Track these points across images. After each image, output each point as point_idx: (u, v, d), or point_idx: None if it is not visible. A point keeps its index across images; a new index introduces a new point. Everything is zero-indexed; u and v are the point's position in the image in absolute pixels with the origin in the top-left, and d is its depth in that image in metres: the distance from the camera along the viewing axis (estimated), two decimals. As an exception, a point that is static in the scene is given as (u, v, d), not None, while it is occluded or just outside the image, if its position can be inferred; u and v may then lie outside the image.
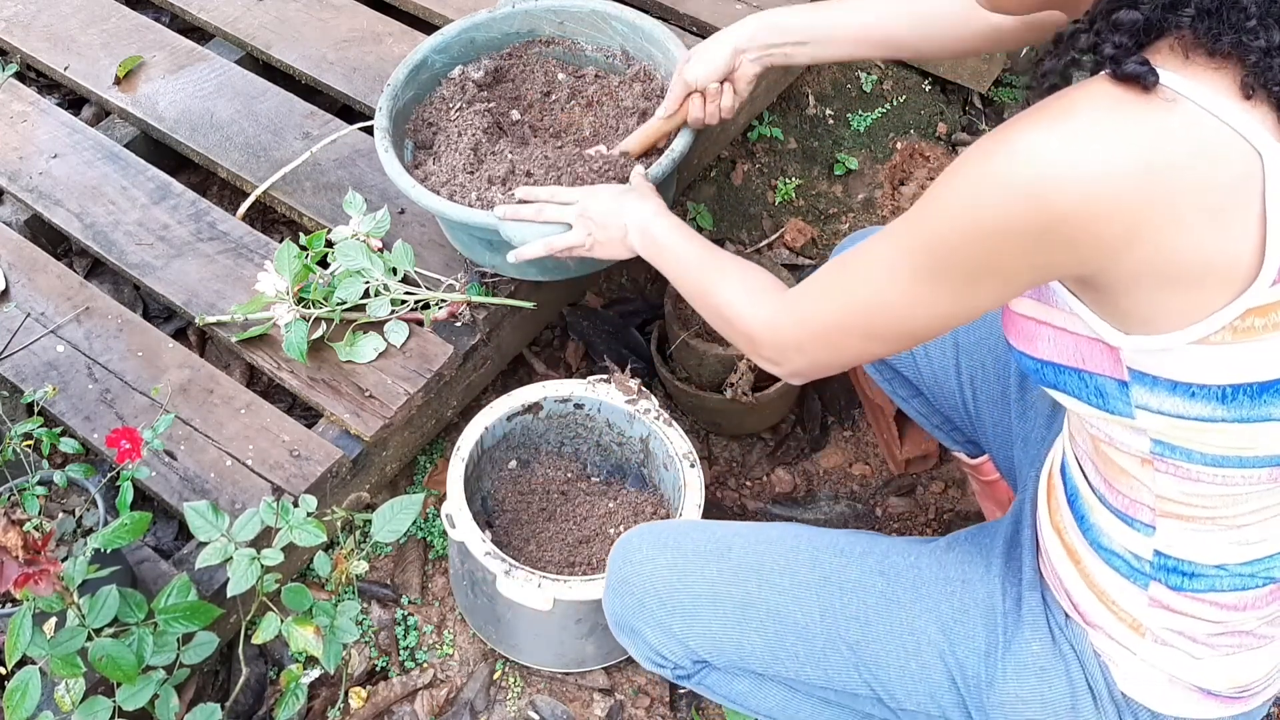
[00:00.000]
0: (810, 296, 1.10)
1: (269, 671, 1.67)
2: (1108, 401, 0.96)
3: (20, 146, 2.01)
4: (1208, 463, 0.95)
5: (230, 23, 2.18)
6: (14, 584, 1.16)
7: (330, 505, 1.59)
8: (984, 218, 0.88)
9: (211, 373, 1.73)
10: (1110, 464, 1.03)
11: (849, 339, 1.07)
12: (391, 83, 1.74)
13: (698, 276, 1.28)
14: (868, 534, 1.29)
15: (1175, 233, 0.83)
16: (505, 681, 1.68)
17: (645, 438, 1.69)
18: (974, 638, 1.16)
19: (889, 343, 1.06)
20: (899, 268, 0.98)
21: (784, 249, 2.20)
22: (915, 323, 1.01)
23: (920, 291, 0.97)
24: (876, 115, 2.36)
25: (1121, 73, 0.83)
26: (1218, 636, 1.06)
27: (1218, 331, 0.87)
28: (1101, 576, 1.09)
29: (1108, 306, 0.91)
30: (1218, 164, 0.82)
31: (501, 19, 1.83)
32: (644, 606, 1.27)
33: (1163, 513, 1.01)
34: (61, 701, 1.29)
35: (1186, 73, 0.84)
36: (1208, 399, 0.91)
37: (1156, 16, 0.85)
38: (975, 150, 0.89)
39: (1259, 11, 0.83)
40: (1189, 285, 0.86)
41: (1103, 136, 0.83)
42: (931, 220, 0.94)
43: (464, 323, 1.74)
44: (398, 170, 1.62)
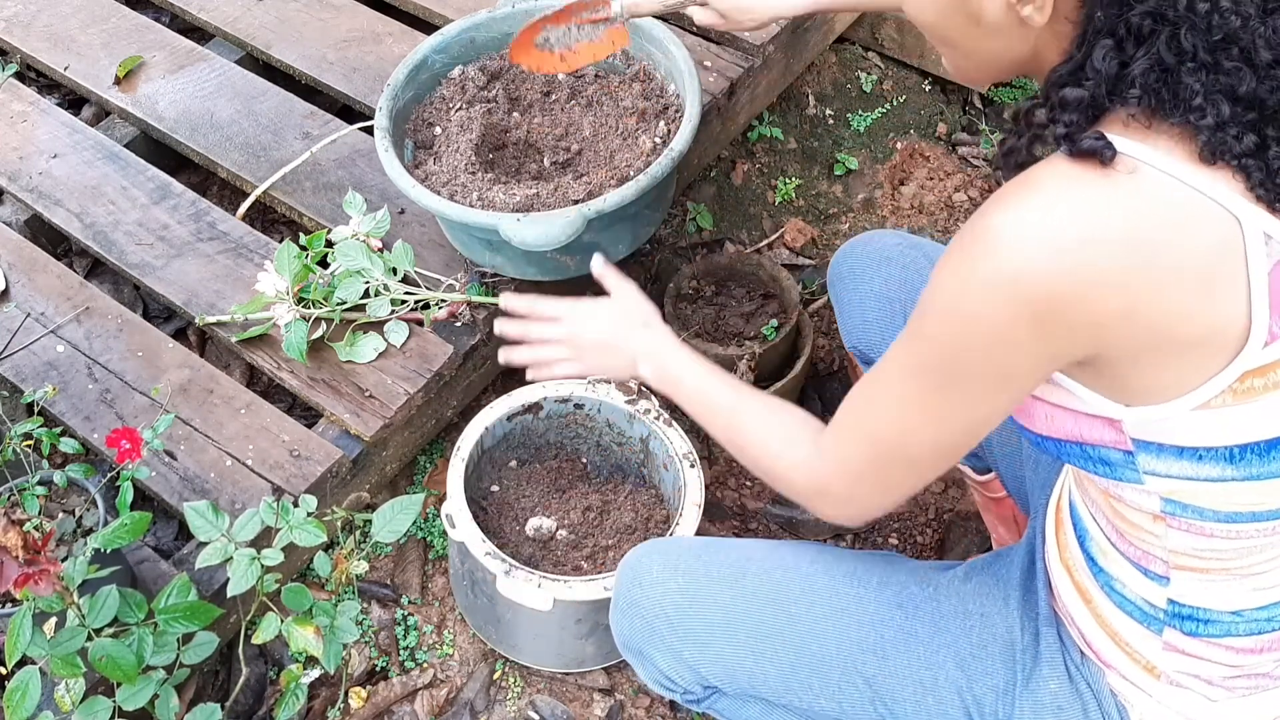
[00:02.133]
0: (840, 440, 1.06)
1: (269, 671, 1.67)
2: (1114, 470, 0.95)
3: (20, 146, 2.01)
4: (1221, 520, 0.94)
5: (230, 23, 2.18)
6: (14, 584, 1.16)
7: (330, 505, 1.59)
8: (978, 319, 0.86)
9: (211, 373, 1.73)
10: (1121, 517, 1.02)
11: (892, 473, 1.02)
12: (391, 83, 1.74)
13: (726, 422, 1.18)
14: (884, 557, 1.26)
15: (1165, 303, 0.83)
16: (505, 681, 1.68)
17: (645, 438, 1.69)
18: (992, 675, 1.14)
19: (933, 465, 1.02)
20: (912, 388, 0.95)
21: (784, 249, 2.20)
22: (949, 438, 0.97)
23: (940, 405, 0.94)
24: (876, 115, 2.36)
25: (1077, 150, 0.84)
26: (1233, 679, 1.04)
27: (1218, 395, 0.86)
28: (1114, 619, 1.08)
29: (1105, 382, 0.90)
30: (1195, 231, 0.82)
31: (501, 19, 1.83)
32: (654, 631, 1.24)
33: (1176, 565, 1.00)
34: (61, 701, 1.29)
35: (1149, 140, 0.84)
36: (1216, 460, 0.90)
37: (1102, 93, 0.85)
38: (955, 251, 0.88)
39: (1203, 89, 0.83)
40: (1185, 353, 0.85)
41: (1078, 217, 0.82)
42: (928, 333, 0.92)
43: (464, 323, 1.74)
44: (398, 170, 1.63)
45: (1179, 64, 0.83)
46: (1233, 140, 0.82)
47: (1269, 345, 0.84)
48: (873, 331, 1.46)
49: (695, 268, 2.00)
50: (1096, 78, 0.85)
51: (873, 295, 1.46)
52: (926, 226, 2.25)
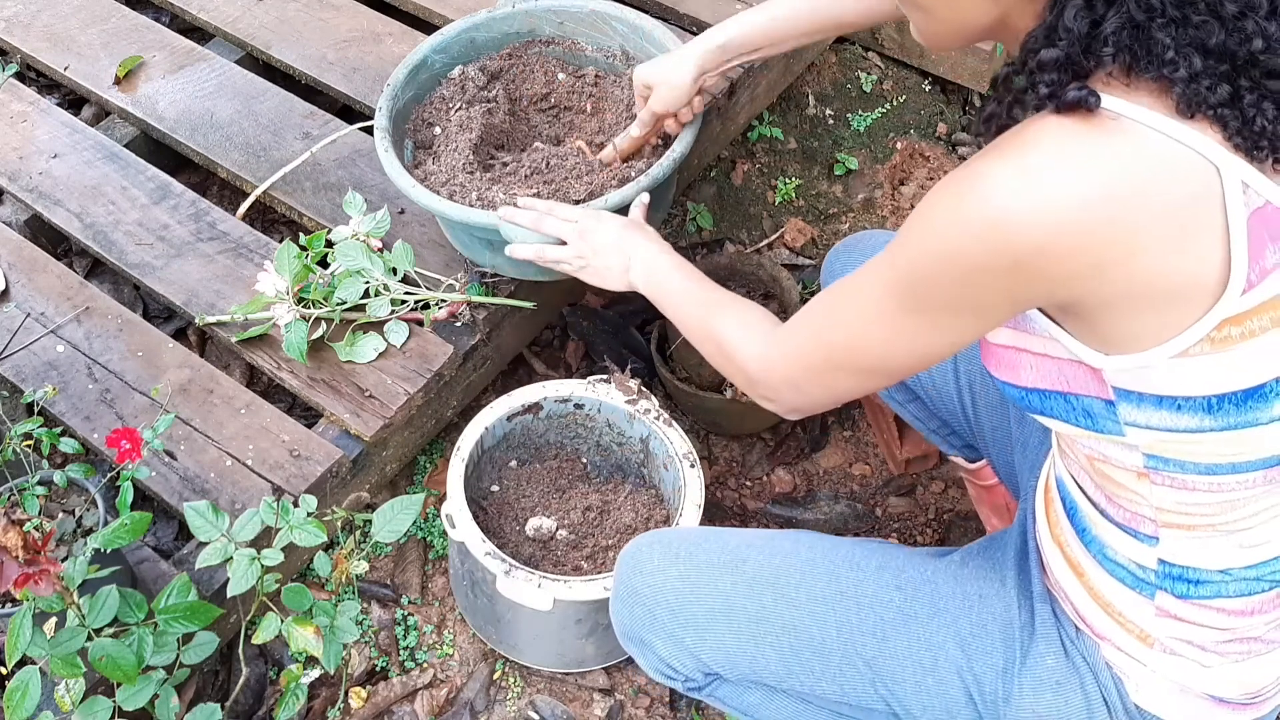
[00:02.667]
0: (800, 332, 1.12)
1: (269, 671, 1.67)
2: (1096, 422, 0.97)
3: (20, 146, 2.01)
4: (1201, 471, 0.96)
5: (230, 23, 2.18)
6: (14, 584, 1.16)
7: (330, 505, 1.59)
8: (955, 256, 0.89)
9: (211, 373, 1.73)
10: (1107, 479, 1.04)
11: (839, 374, 1.08)
12: (391, 83, 1.74)
13: (699, 314, 1.29)
14: (881, 544, 1.28)
15: (1144, 254, 0.84)
16: (505, 681, 1.68)
17: (645, 438, 1.68)
18: (992, 654, 1.15)
19: (878, 377, 1.07)
20: (881, 302, 0.99)
21: (784, 249, 2.20)
22: (900, 357, 1.02)
23: (902, 325, 0.98)
24: (876, 115, 2.36)
25: (1063, 103, 0.85)
26: (1226, 644, 1.05)
27: (1196, 344, 0.87)
28: (1106, 588, 1.09)
29: (1086, 330, 0.92)
30: (1175, 181, 0.84)
31: (501, 19, 1.83)
32: (655, 619, 1.25)
33: (1164, 523, 1.01)
34: (61, 701, 1.29)
35: (1130, 97, 0.86)
36: (1194, 410, 0.91)
37: (1076, 53, 0.86)
38: (943, 189, 0.91)
39: (1174, 43, 0.84)
40: (1163, 303, 0.87)
41: (1059, 168, 0.84)
42: (908, 257, 0.96)
43: (464, 323, 1.74)
44: (398, 170, 1.62)
45: (1149, 20, 0.84)
46: (1206, 92, 0.84)
47: (1247, 293, 0.85)
48: None
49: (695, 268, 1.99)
50: (1069, 37, 0.86)
51: None
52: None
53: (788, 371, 1.13)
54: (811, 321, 1.11)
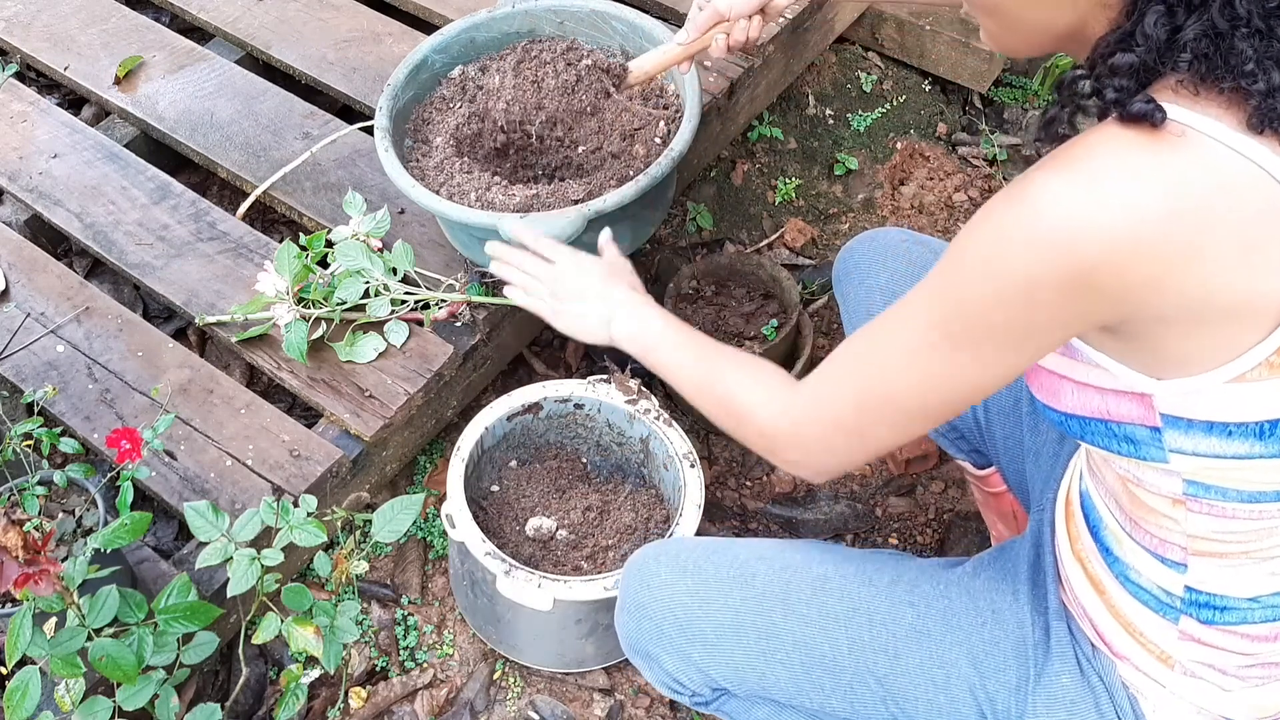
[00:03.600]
0: (830, 382, 1.03)
1: (269, 671, 1.67)
2: (1139, 449, 0.95)
3: (20, 146, 2.01)
4: (1244, 499, 0.94)
5: (230, 23, 2.18)
6: (14, 584, 1.16)
7: (330, 505, 1.59)
8: (1012, 274, 0.85)
9: (211, 373, 1.73)
10: (1139, 504, 1.01)
11: (879, 424, 1.00)
12: (391, 83, 1.74)
13: (701, 374, 1.19)
14: (892, 555, 1.26)
15: (1203, 271, 0.82)
16: (505, 681, 1.68)
17: (645, 438, 1.68)
18: (1005, 671, 1.14)
19: (920, 422, 0.99)
20: (926, 337, 0.93)
21: (784, 249, 2.20)
22: (947, 397, 0.96)
23: (952, 360, 0.93)
24: (876, 115, 2.36)
25: (1128, 114, 0.83)
26: (1248, 668, 1.04)
27: (1254, 369, 0.85)
28: (1129, 609, 1.08)
29: (1137, 353, 0.90)
30: (1240, 198, 0.82)
31: (501, 19, 1.83)
32: (662, 633, 1.23)
33: (1195, 551, 1.00)
34: (61, 701, 1.29)
35: (1197, 108, 0.83)
36: (1245, 436, 0.89)
37: (1153, 59, 0.84)
38: (995, 205, 0.87)
39: (1256, 55, 0.82)
40: (1221, 323, 0.85)
41: (1123, 181, 0.82)
42: (956, 282, 0.90)
43: (464, 323, 1.74)
44: (398, 170, 1.63)
45: (1232, 29, 0.82)
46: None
47: None
48: None
49: (695, 268, 2.00)
50: (1147, 43, 0.84)
51: (878, 290, 1.46)
52: (926, 227, 2.25)
53: (818, 428, 1.04)
54: (844, 369, 1.02)
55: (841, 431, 1.03)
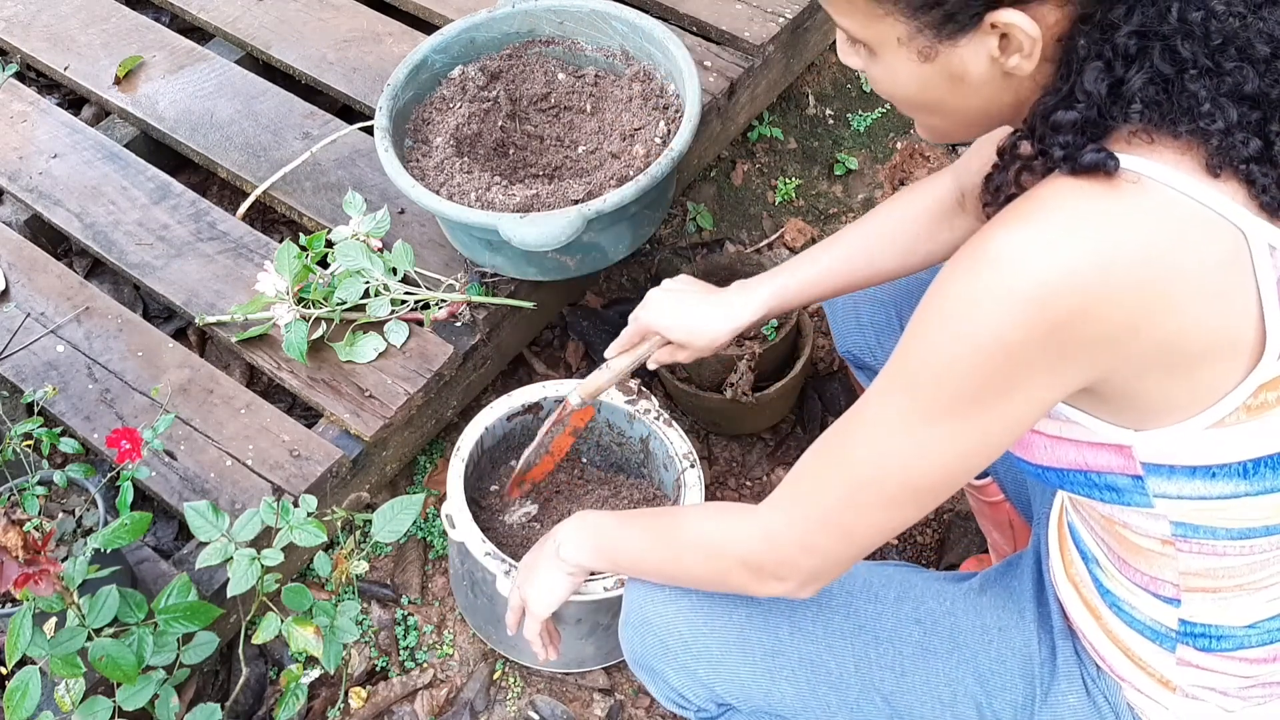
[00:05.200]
0: (804, 483, 1.00)
1: (269, 671, 1.67)
2: (1122, 495, 0.93)
3: (20, 146, 2.01)
4: (1234, 536, 0.93)
5: (230, 23, 2.18)
6: (14, 584, 1.16)
7: (330, 505, 1.59)
8: (985, 337, 0.82)
9: (211, 373, 1.73)
10: (1128, 544, 1.00)
11: (864, 517, 0.96)
12: (391, 83, 1.74)
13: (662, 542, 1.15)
14: (899, 569, 1.24)
15: (1177, 317, 0.81)
16: (505, 681, 1.68)
17: (645, 438, 1.68)
18: (1012, 689, 1.13)
19: (908, 508, 0.95)
20: (904, 417, 0.89)
21: (784, 249, 2.20)
22: (935, 475, 0.92)
23: (933, 437, 0.89)
24: (876, 115, 2.36)
25: (1080, 165, 0.81)
26: (1249, 689, 1.04)
27: (1232, 413, 0.84)
28: (1125, 636, 1.07)
29: (1112, 407, 0.88)
30: (1203, 244, 0.81)
31: (501, 19, 1.83)
32: (667, 649, 1.21)
33: (1188, 588, 0.99)
34: (61, 701, 1.29)
35: (1153, 156, 0.82)
36: (1229, 477, 0.88)
37: (1095, 114, 0.83)
38: (956, 269, 0.84)
39: (1209, 94, 0.81)
40: (1196, 370, 0.83)
41: (1087, 230, 0.80)
42: (926, 356, 0.87)
43: (464, 323, 1.74)
44: (398, 170, 1.63)
45: (1179, 74, 0.81)
46: (1240, 145, 0.81)
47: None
48: (866, 335, 1.46)
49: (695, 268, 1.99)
50: (1088, 99, 0.83)
51: (865, 299, 1.45)
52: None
53: (798, 534, 1.00)
54: (812, 467, 0.99)
55: (824, 528, 0.99)
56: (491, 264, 1.70)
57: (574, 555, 1.23)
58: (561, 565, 1.25)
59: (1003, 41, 0.84)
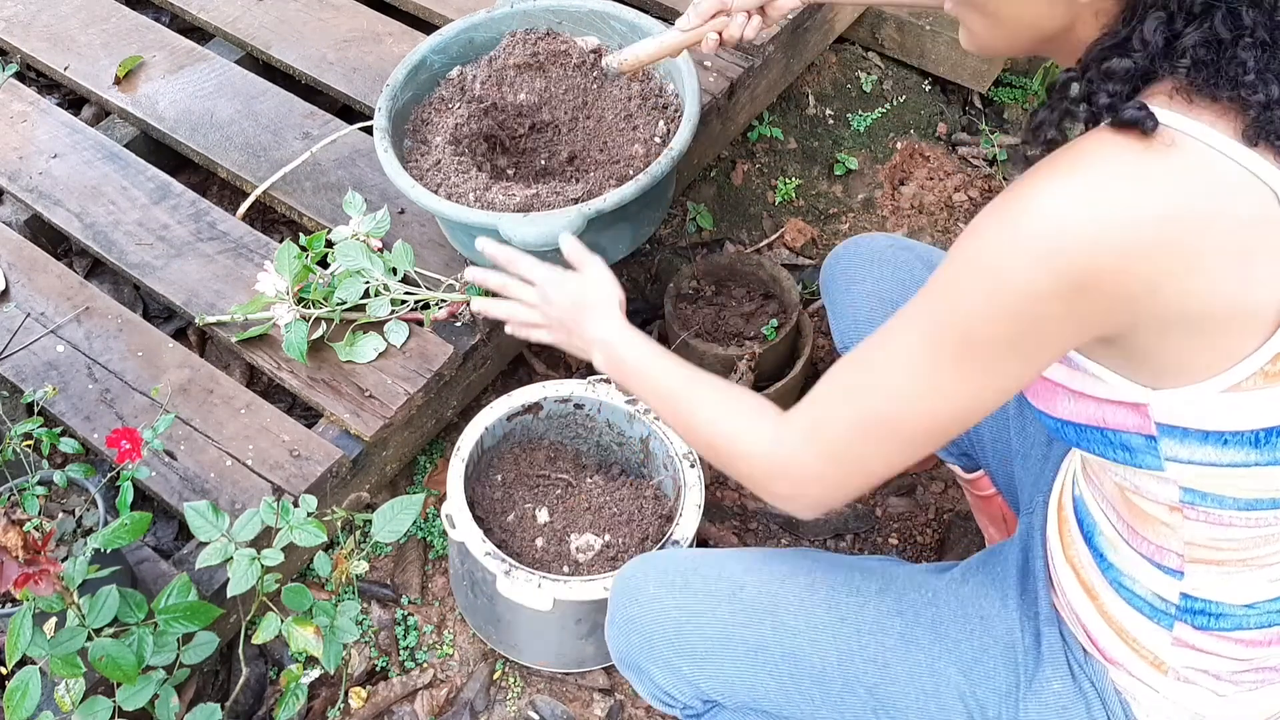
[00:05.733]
0: (822, 407, 0.99)
1: (269, 671, 1.67)
2: (1135, 456, 0.94)
3: (20, 146, 2.01)
4: (1240, 507, 0.93)
5: (230, 23, 2.18)
6: (14, 584, 1.16)
7: (330, 505, 1.59)
8: (1013, 284, 0.83)
9: (211, 373, 1.73)
10: (1137, 511, 1.01)
11: (875, 449, 0.96)
12: (391, 83, 1.74)
13: (683, 403, 1.14)
14: (881, 563, 1.25)
15: (1201, 278, 0.81)
16: (505, 681, 1.68)
17: (645, 438, 1.68)
18: (995, 677, 1.14)
19: (920, 445, 0.96)
20: (925, 354, 0.90)
21: (784, 249, 2.20)
22: (949, 414, 0.93)
23: (950, 377, 0.90)
24: (876, 115, 2.36)
25: (1120, 120, 0.82)
26: (1241, 673, 1.04)
27: (1249, 378, 0.85)
28: (1122, 615, 1.07)
29: (1132, 363, 0.89)
30: (1237, 205, 0.81)
31: (500, 19, 1.83)
32: (652, 648, 1.22)
33: (1192, 559, 0.99)
34: (61, 701, 1.29)
35: (1191, 114, 0.83)
36: (1240, 445, 0.89)
37: (1149, 65, 0.84)
38: (990, 215, 0.85)
39: (1257, 65, 0.82)
40: (1217, 331, 0.84)
41: (1121, 186, 0.81)
42: (954, 296, 0.88)
43: (464, 323, 1.74)
44: (397, 170, 1.63)
45: (1235, 39, 0.82)
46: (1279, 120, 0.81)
47: None
48: (865, 331, 1.46)
49: (695, 268, 2.00)
50: (1144, 49, 0.83)
51: (865, 295, 1.45)
52: (926, 227, 2.25)
53: (812, 458, 1.00)
54: (838, 393, 0.98)
55: (836, 461, 0.99)
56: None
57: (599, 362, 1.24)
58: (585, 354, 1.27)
59: None
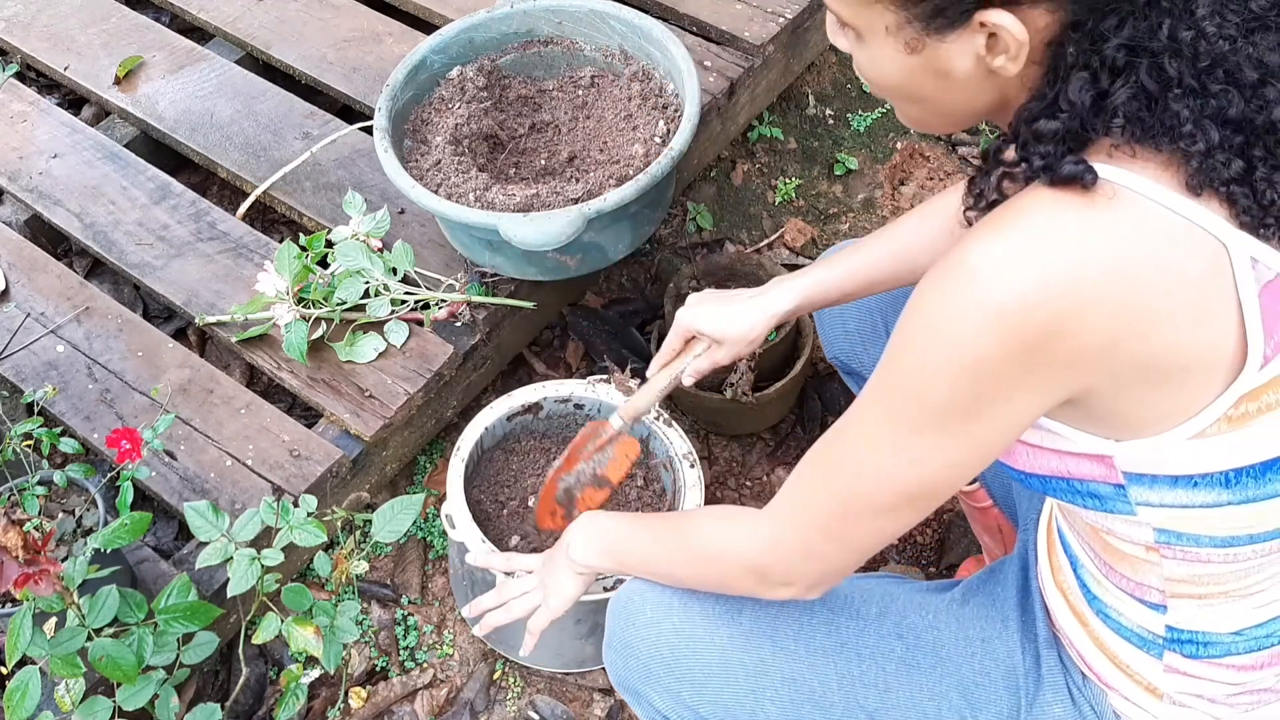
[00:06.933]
0: (799, 493, 1.02)
1: (269, 671, 1.67)
2: (1104, 503, 0.93)
3: (20, 146, 2.01)
4: (1217, 544, 0.92)
5: (230, 23, 2.18)
6: (14, 584, 1.16)
7: (330, 505, 1.59)
8: (959, 352, 0.82)
9: (211, 373, 1.73)
10: (1113, 550, 1.00)
11: (859, 525, 0.98)
12: (391, 83, 1.74)
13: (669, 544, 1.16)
14: (880, 582, 1.24)
15: (1158, 331, 0.80)
16: (505, 681, 1.68)
17: (645, 438, 1.68)
18: (997, 702, 1.13)
19: (904, 514, 0.96)
20: (889, 430, 0.91)
21: (784, 249, 2.20)
22: (925, 482, 0.93)
23: (919, 447, 0.90)
24: (876, 115, 2.36)
25: (1058, 177, 0.81)
26: (1236, 696, 1.04)
27: (1214, 424, 0.84)
28: (1112, 643, 1.07)
29: (1092, 419, 0.88)
30: (1183, 256, 0.80)
31: (500, 19, 1.83)
32: (650, 672, 1.20)
33: (1173, 594, 0.99)
34: (61, 701, 1.29)
35: (1134, 168, 0.82)
36: (1211, 486, 0.88)
37: (1078, 125, 0.83)
38: (934, 282, 0.84)
39: (1192, 115, 0.80)
40: (1178, 381, 0.83)
41: (1066, 243, 0.80)
42: (905, 367, 0.88)
43: (464, 323, 1.74)
44: (397, 170, 1.63)
45: (1164, 91, 0.81)
46: (1221, 167, 0.80)
47: (1264, 368, 0.83)
48: (854, 341, 1.46)
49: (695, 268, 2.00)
50: (1071, 110, 0.82)
51: (853, 305, 1.45)
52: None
53: (798, 542, 1.02)
54: (808, 477, 1.01)
55: (824, 536, 1.00)
56: (491, 264, 1.70)
57: (583, 557, 1.24)
58: (572, 566, 1.26)
59: (990, 41, 0.84)
